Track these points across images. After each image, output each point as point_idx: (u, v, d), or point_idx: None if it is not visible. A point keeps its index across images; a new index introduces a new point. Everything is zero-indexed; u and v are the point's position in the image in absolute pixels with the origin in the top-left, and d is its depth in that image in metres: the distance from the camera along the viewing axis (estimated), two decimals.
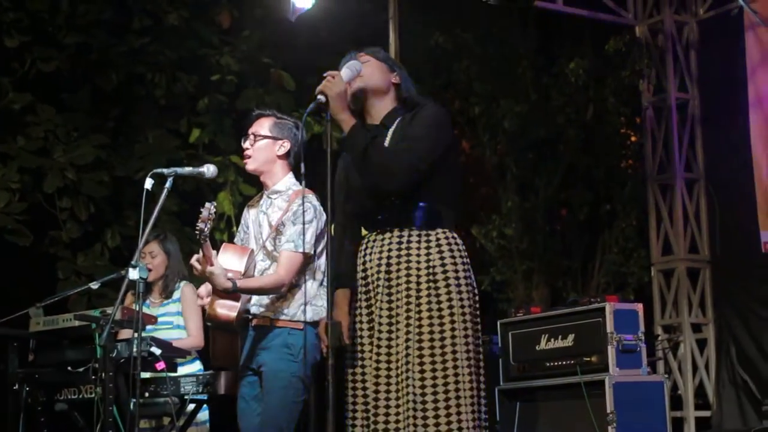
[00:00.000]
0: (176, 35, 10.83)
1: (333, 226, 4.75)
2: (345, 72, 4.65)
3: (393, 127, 4.69)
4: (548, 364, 7.19)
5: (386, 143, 4.65)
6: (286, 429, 5.36)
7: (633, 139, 12.82)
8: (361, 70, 4.72)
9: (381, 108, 4.75)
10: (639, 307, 7.12)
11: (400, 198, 4.58)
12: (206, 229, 5.16)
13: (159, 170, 5.39)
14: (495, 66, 12.78)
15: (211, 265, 5.25)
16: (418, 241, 4.55)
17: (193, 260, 5.32)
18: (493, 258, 13.41)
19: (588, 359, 6.97)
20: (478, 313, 4.64)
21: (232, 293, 5.33)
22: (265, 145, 5.60)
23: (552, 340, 7.22)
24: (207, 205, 5.22)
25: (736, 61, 10.34)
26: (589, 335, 7.01)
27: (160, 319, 6.76)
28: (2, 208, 9.61)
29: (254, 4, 11.09)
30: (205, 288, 5.45)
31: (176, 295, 6.97)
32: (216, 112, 10.72)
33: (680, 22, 11.08)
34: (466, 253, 4.63)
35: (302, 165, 4.46)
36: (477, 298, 4.66)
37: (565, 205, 13.37)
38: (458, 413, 4.39)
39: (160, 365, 5.89)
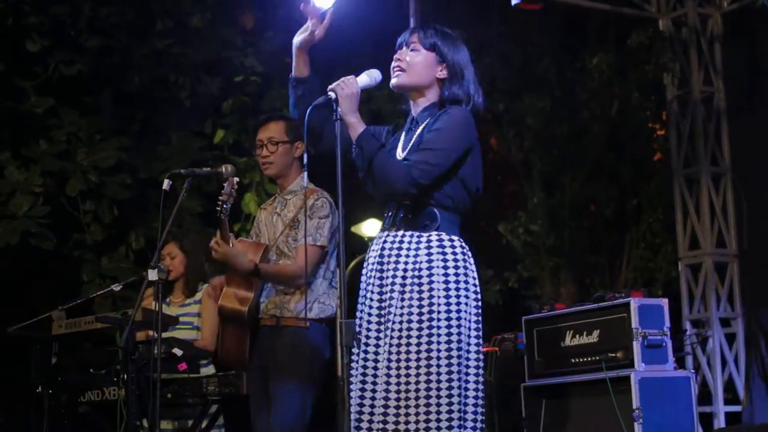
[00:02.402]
0: (199, 37, 10.86)
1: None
2: (363, 78, 4.57)
3: (423, 124, 4.64)
4: (573, 361, 7.12)
5: (410, 143, 4.60)
6: (298, 428, 5.35)
7: (660, 132, 12.77)
8: (380, 80, 4.63)
9: (421, 101, 4.68)
10: (664, 302, 7.04)
11: (403, 198, 4.54)
12: (228, 203, 5.19)
13: (176, 171, 5.38)
14: (518, 62, 12.74)
15: (230, 246, 5.27)
16: (410, 242, 4.51)
17: (212, 243, 5.34)
18: (519, 255, 13.39)
19: (613, 355, 6.89)
20: (477, 319, 4.52)
21: (249, 281, 5.33)
22: (285, 150, 5.62)
23: (577, 336, 7.15)
24: (230, 179, 5.24)
25: (762, 53, 10.25)
26: (614, 331, 6.94)
27: (180, 319, 6.76)
28: (26, 212, 9.66)
29: (277, 5, 11.09)
30: (219, 281, 5.46)
31: (198, 296, 6.96)
32: (240, 113, 10.73)
33: (704, 14, 10.98)
34: (465, 257, 4.52)
35: (305, 156, 4.42)
36: (478, 304, 4.56)
37: (591, 201, 13.33)
38: (427, 421, 4.29)
39: (183, 366, 5.89)
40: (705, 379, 10.48)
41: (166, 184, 5.27)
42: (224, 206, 5.22)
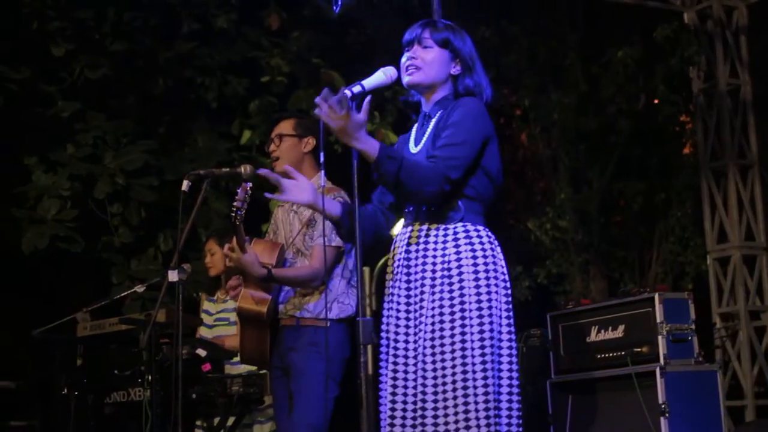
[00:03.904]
0: (225, 38, 10.89)
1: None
2: (379, 76, 4.53)
3: (435, 117, 4.63)
4: (599, 356, 7.12)
5: (424, 138, 4.60)
6: (321, 427, 5.36)
7: (689, 126, 12.72)
8: (395, 78, 4.61)
9: (434, 97, 4.67)
10: (689, 296, 7.03)
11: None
12: (243, 209, 5.20)
13: (195, 172, 5.39)
14: (543, 58, 12.71)
15: (245, 252, 5.27)
16: (436, 235, 4.49)
17: (226, 249, 5.35)
18: (548, 250, 13.36)
19: (639, 350, 6.89)
20: (508, 308, 4.52)
21: (267, 282, 5.34)
22: (291, 145, 5.63)
23: (602, 331, 7.15)
24: (243, 184, 5.25)
25: None
26: (640, 326, 6.93)
27: (219, 315, 6.81)
28: (54, 216, 9.71)
29: (302, 5, 11.12)
30: (235, 282, 5.48)
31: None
32: (267, 113, 10.74)
33: (729, 6, 10.94)
34: (492, 248, 4.51)
35: (321, 154, 4.40)
36: (508, 293, 4.55)
37: (619, 196, 13.29)
38: (466, 411, 4.31)
39: (206, 367, 5.91)
40: (735, 373, 10.43)
41: (185, 185, 5.28)
42: (238, 212, 5.22)
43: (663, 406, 6.61)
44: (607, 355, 7.08)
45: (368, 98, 4.23)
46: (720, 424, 6.87)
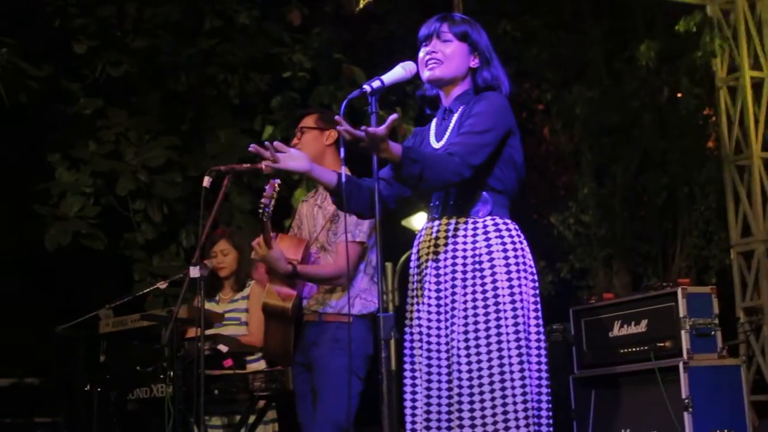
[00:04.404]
0: (247, 35, 10.90)
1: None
2: (397, 71, 4.51)
3: (458, 112, 4.62)
4: (622, 351, 7.09)
5: (447, 133, 4.58)
6: (344, 423, 5.35)
7: (713, 119, 12.68)
8: (414, 73, 4.59)
9: (454, 91, 4.66)
10: (713, 290, 7.00)
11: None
12: (270, 205, 5.20)
13: (216, 168, 5.39)
14: (566, 52, 12.68)
15: (271, 248, 5.28)
16: (465, 229, 4.48)
17: (254, 243, 5.36)
18: (571, 245, 13.34)
19: (662, 344, 6.85)
20: (535, 300, 4.52)
21: (291, 278, 5.34)
22: (313, 137, 5.62)
23: (625, 326, 7.12)
24: (272, 181, 5.26)
25: None
26: (663, 320, 6.90)
27: (227, 315, 6.79)
28: (77, 213, 9.74)
29: (324, 1, 11.12)
30: (261, 275, 5.49)
31: (246, 291, 6.98)
32: (289, 109, 10.75)
33: None
34: (520, 240, 4.51)
35: (342, 150, 4.38)
36: (536, 285, 4.55)
37: (642, 190, 13.26)
38: (504, 404, 4.31)
39: (228, 363, 5.91)
40: (759, 368, 10.38)
41: (206, 181, 5.29)
42: (266, 209, 5.23)
43: (686, 400, 6.58)
44: (630, 349, 7.05)
45: (392, 116, 4.20)
46: (744, 418, 6.83)
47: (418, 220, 11.98)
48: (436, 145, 4.59)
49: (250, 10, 10.81)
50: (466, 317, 4.39)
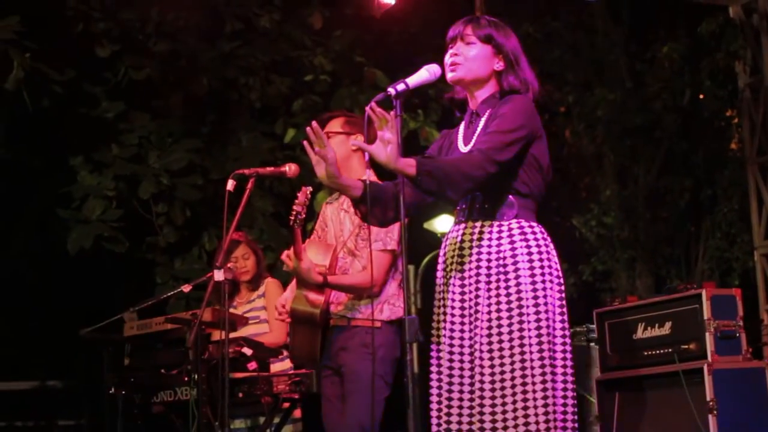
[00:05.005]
0: (268, 38, 10.91)
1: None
2: (423, 73, 4.52)
3: (484, 116, 4.61)
4: (646, 353, 7.05)
5: (475, 136, 4.57)
6: (370, 428, 5.35)
7: (735, 121, 12.65)
8: (439, 75, 4.58)
9: (479, 94, 4.65)
10: (737, 292, 6.96)
11: (477, 189, 4.51)
12: (303, 213, 5.20)
13: (240, 171, 5.40)
14: (587, 54, 12.67)
15: (301, 260, 5.27)
16: (490, 232, 4.47)
17: (284, 256, 5.35)
18: (593, 247, 13.32)
19: (686, 347, 6.81)
20: (561, 303, 4.51)
21: (321, 288, 5.34)
22: (339, 142, 5.60)
23: (649, 328, 7.08)
24: (303, 188, 5.25)
25: None
26: (687, 323, 6.86)
27: (247, 315, 6.81)
28: (99, 216, 9.78)
29: (345, 4, 11.12)
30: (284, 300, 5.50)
31: (261, 289, 7.02)
32: (310, 112, 10.76)
33: None
34: (546, 243, 4.50)
35: (366, 155, 4.36)
36: (561, 288, 4.54)
37: (665, 192, 13.23)
38: (525, 408, 4.30)
39: (252, 365, 5.92)
40: None
41: (230, 184, 5.31)
42: (298, 216, 5.22)
43: (711, 403, 6.54)
44: (654, 352, 7.01)
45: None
46: None
47: (440, 223, 11.99)
48: (463, 148, 4.59)
49: (270, 13, 10.81)
50: (489, 320, 4.38)
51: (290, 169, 5.54)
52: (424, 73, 4.47)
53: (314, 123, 4.40)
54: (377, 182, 4.65)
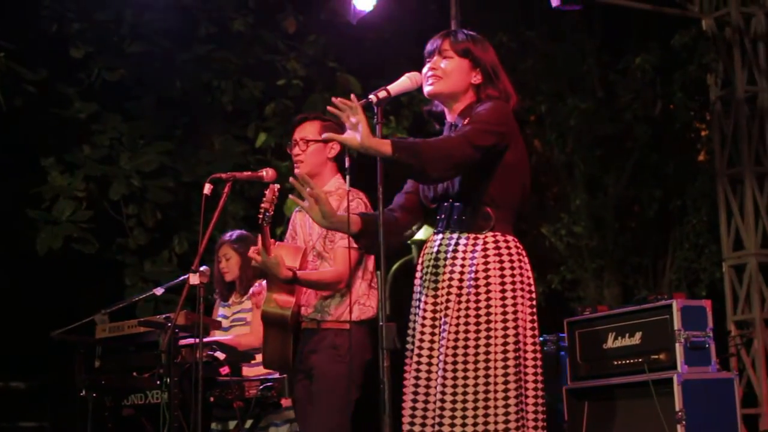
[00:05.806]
0: (242, 41, 10.90)
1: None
2: (404, 81, 4.51)
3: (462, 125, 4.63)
4: (616, 363, 7.09)
5: None
6: (338, 429, 5.36)
7: (704, 133, 12.73)
8: (420, 83, 4.58)
9: (457, 107, 4.65)
10: (707, 303, 7.01)
11: (455, 200, 4.52)
12: (270, 210, 5.19)
13: (217, 175, 5.40)
14: (560, 64, 12.71)
15: (270, 254, 5.27)
16: (465, 244, 4.49)
17: (252, 252, 5.34)
18: (562, 256, 13.36)
19: (656, 357, 6.86)
20: (532, 318, 4.51)
21: (290, 285, 5.34)
22: (317, 150, 5.61)
23: (619, 338, 7.12)
24: (271, 186, 5.25)
25: None
26: (657, 333, 6.90)
27: (235, 316, 6.81)
28: (68, 217, 9.74)
29: (319, 9, 11.13)
30: (259, 289, 5.47)
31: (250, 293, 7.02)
32: (282, 116, 10.75)
33: (747, 14, 10.92)
34: (520, 257, 4.50)
35: (347, 159, 4.36)
36: (533, 303, 4.55)
37: (634, 202, 13.30)
38: (485, 416, 4.31)
39: (225, 370, 5.91)
40: (749, 381, 10.40)
41: (207, 188, 5.31)
42: (266, 213, 5.22)
43: (680, 413, 6.58)
44: (624, 361, 7.05)
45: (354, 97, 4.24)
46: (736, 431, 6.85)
47: (419, 233, 11.98)
48: None
49: (245, 16, 10.81)
50: (456, 333, 4.39)
51: (267, 173, 5.55)
52: (406, 81, 4.49)
53: (297, 173, 4.42)
54: (370, 213, 4.64)
